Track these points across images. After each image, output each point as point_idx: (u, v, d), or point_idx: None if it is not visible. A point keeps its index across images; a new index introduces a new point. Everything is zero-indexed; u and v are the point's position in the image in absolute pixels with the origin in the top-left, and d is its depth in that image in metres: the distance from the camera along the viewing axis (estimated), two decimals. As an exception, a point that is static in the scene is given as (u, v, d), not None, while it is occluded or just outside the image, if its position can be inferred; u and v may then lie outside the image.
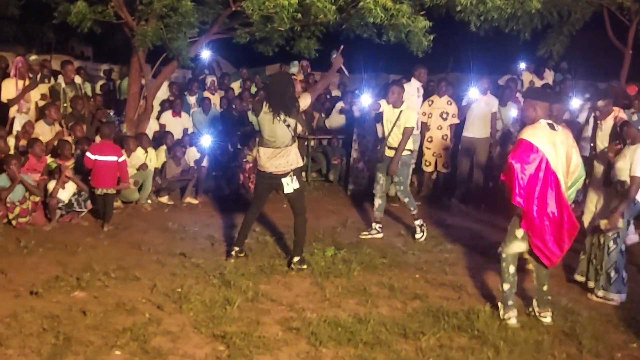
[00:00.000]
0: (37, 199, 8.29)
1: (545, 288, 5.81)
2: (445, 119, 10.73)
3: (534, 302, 5.91)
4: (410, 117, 8.34)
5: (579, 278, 6.77)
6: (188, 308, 5.74)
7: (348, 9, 8.77)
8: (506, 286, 5.78)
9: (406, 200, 8.48)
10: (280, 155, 6.80)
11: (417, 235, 8.48)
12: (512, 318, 5.70)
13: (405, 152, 8.41)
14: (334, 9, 8.20)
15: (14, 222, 8.07)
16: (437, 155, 10.89)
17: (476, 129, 10.66)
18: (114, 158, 8.70)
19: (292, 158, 6.84)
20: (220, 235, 8.31)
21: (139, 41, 9.25)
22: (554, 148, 5.46)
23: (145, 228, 8.57)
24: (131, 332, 5.20)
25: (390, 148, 8.41)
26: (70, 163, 8.78)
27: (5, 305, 5.70)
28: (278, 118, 6.67)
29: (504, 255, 5.79)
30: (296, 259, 7.04)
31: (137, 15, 9.25)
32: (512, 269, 5.77)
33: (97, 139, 9.02)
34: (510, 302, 5.76)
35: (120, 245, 7.77)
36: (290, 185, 6.88)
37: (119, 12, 9.11)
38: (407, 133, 8.28)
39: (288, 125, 6.72)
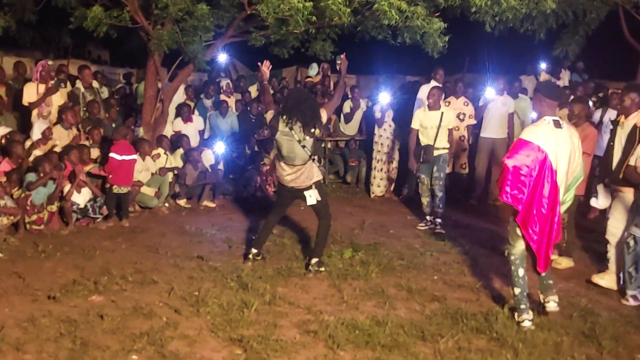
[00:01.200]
0: (54, 208, 8.35)
1: (543, 273, 5.75)
2: (462, 120, 10.69)
3: (539, 291, 5.86)
4: (452, 118, 9.10)
5: None
6: (205, 311, 5.74)
7: (363, 11, 8.76)
8: (517, 290, 5.73)
9: (440, 194, 8.92)
10: (301, 172, 6.83)
11: (437, 229, 8.86)
12: (526, 321, 5.65)
13: (444, 151, 8.95)
14: (349, 11, 8.18)
15: (27, 227, 8.11)
16: (455, 156, 10.85)
17: (493, 130, 10.65)
18: (135, 156, 9.09)
19: (313, 172, 6.87)
20: (238, 238, 8.31)
21: (154, 45, 9.29)
22: (557, 146, 5.43)
23: (163, 231, 8.60)
24: (148, 336, 5.19)
25: (437, 149, 8.88)
26: (88, 168, 8.84)
27: (23, 309, 5.72)
28: (300, 138, 6.69)
29: (512, 258, 5.76)
30: (314, 260, 7.03)
31: (153, 19, 9.28)
32: (521, 271, 5.72)
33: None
34: (523, 306, 5.70)
35: (137, 248, 7.79)
36: (312, 197, 6.91)
37: (134, 16, 9.14)
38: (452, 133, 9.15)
39: (304, 147, 6.72)
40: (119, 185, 8.85)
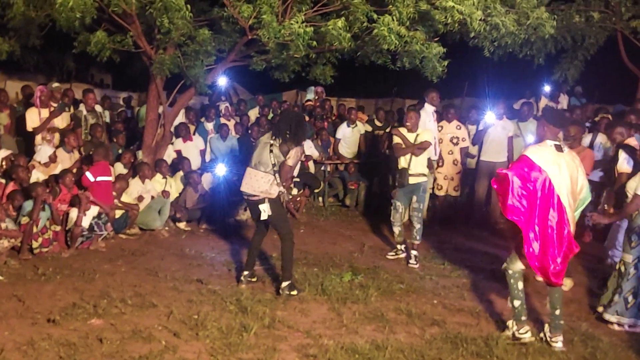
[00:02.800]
0: (58, 228, 8.38)
1: (557, 312, 5.73)
2: (455, 144, 10.72)
3: (546, 327, 5.84)
4: (426, 136, 8.60)
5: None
6: (204, 335, 5.73)
7: (363, 36, 8.83)
8: (517, 302, 5.77)
9: (418, 226, 8.54)
10: (253, 176, 6.89)
11: (412, 262, 8.49)
12: (527, 332, 5.68)
13: (422, 179, 8.58)
14: (349, 36, 8.25)
15: (36, 251, 8.11)
16: (449, 179, 10.86)
17: (494, 154, 10.67)
18: (111, 178, 9.06)
19: (262, 185, 6.85)
20: (237, 262, 8.30)
21: (157, 69, 9.37)
22: (559, 169, 5.51)
23: (162, 254, 8.60)
24: (147, 360, 5.20)
25: (413, 175, 8.50)
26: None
27: (22, 332, 5.72)
28: (274, 145, 6.86)
29: (510, 272, 5.82)
30: (284, 284, 6.99)
31: (156, 44, 9.38)
32: (520, 284, 5.78)
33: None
34: (523, 317, 5.75)
35: (137, 271, 7.79)
36: (265, 212, 6.89)
37: (137, 41, 9.22)
38: (424, 144, 8.50)
39: (271, 151, 6.85)
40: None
